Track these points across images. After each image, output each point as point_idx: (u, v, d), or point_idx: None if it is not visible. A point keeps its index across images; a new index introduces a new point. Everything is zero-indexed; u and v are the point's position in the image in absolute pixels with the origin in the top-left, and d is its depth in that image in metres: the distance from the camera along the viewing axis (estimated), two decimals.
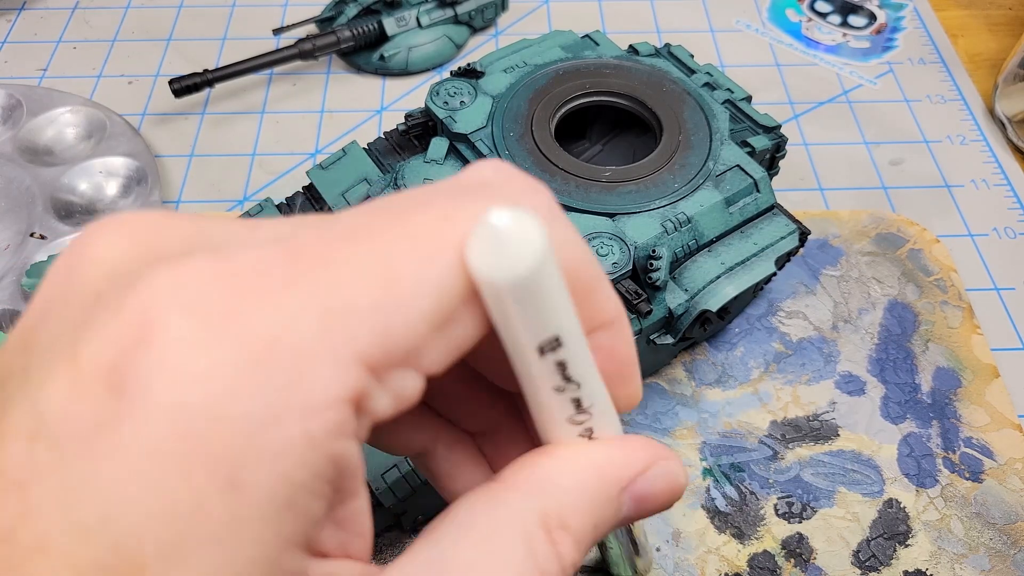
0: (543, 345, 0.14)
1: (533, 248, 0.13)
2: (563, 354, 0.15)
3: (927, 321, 0.40)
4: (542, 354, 0.14)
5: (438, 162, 0.34)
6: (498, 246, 0.13)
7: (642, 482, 0.17)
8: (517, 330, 0.14)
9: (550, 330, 0.14)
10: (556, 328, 0.14)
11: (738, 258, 0.33)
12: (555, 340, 0.14)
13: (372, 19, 0.51)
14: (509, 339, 0.15)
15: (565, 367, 0.15)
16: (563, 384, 0.15)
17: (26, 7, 0.57)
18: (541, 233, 0.13)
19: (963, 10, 0.58)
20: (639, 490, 0.17)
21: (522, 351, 0.14)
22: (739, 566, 0.33)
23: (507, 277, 0.13)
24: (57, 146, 0.47)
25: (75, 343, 0.12)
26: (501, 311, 0.14)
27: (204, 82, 0.47)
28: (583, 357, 0.15)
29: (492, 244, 0.13)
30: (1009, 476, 0.35)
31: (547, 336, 0.14)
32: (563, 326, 0.14)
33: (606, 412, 0.17)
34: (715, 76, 0.38)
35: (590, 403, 0.16)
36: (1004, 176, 0.47)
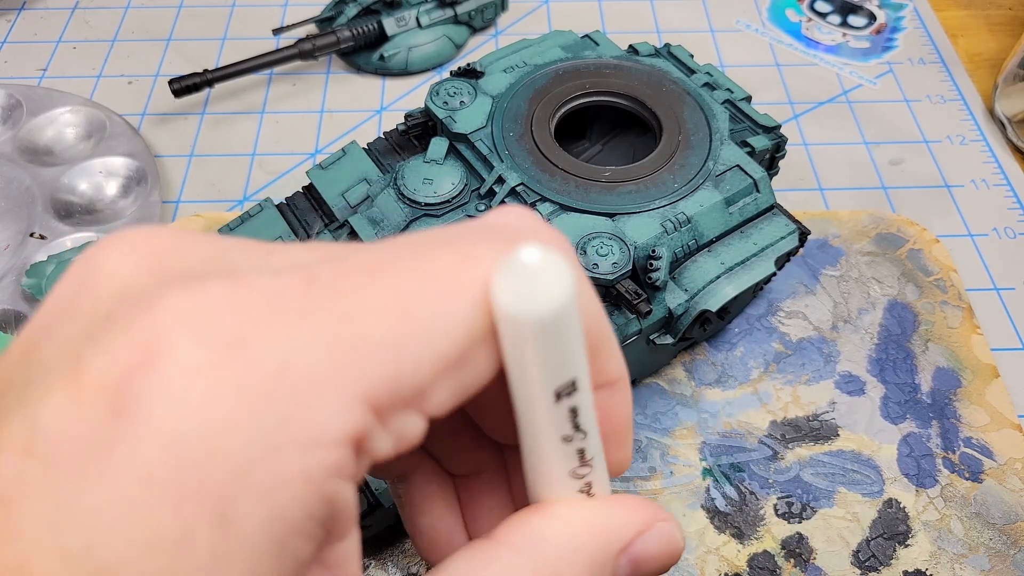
0: (560, 389, 0.14)
1: (563, 286, 0.13)
2: (577, 400, 0.14)
3: (927, 321, 0.40)
4: (558, 399, 0.14)
5: (438, 162, 0.34)
6: (527, 282, 0.13)
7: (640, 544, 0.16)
8: (534, 372, 0.14)
9: (569, 373, 0.14)
10: (575, 371, 0.14)
11: (738, 258, 0.33)
12: (572, 384, 0.14)
13: (372, 19, 0.51)
14: (523, 382, 0.14)
15: (577, 415, 0.15)
16: (572, 433, 0.15)
17: (26, 7, 0.57)
18: (570, 273, 0.13)
19: (963, 10, 0.58)
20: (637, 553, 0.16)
21: (536, 395, 0.14)
22: (739, 566, 0.33)
23: (534, 314, 0.13)
24: (57, 146, 0.47)
25: (79, 359, 0.12)
26: (520, 352, 0.13)
27: (204, 82, 0.47)
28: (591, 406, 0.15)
29: (521, 280, 0.13)
30: (1009, 476, 0.35)
31: (566, 380, 0.14)
32: (580, 370, 0.14)
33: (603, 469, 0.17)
34: (715, 76, 0.38)
35: (592, 456, 0.16)
36: (1004, 176, 0.47)
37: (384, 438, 0.13)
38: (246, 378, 0.12)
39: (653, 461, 0.35)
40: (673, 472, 0.35)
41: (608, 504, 0.16)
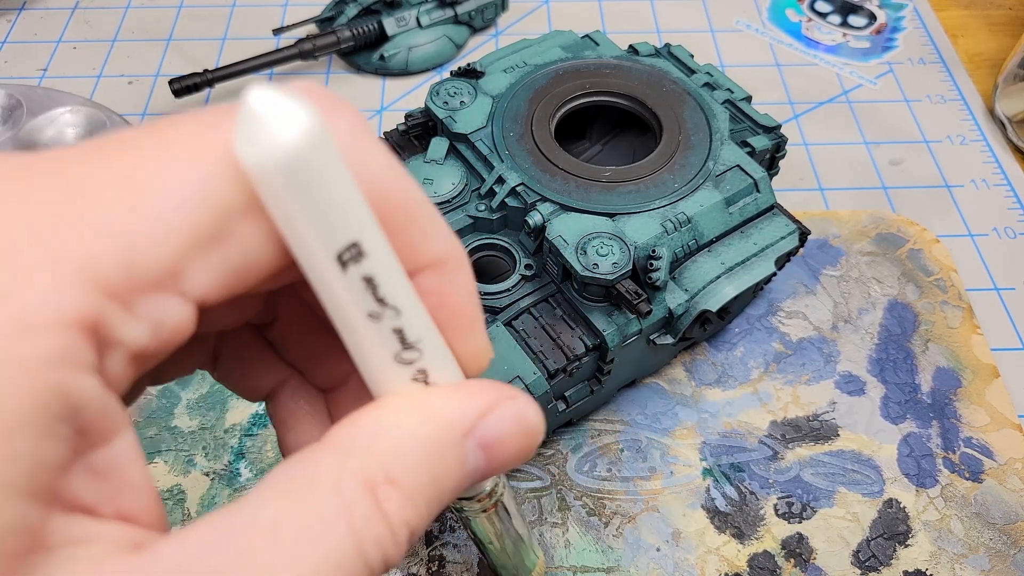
0: (341, 253, 0.12)
1: (299, 123, 0.11)
2: (369, 267, 0.13)
3: (927, 321, 0.40)
4: (343, 266, 0.13)
5: (438, 162, 0.34)
6: (259, 125, 0.11)
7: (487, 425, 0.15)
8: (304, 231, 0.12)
9: (346, 232, 0.12)
10: (352, 231, 0.12)
11: (738, 258, 0.33)
12: (354, 246, 0.13)
13: (372, 19, 0.51)
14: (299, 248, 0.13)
15: (375, 285, 0.13)
16: (378, 309, 0.13)
17: (26, 7, 0.57)
18: (308, 110, 0.12)
19: (963, 10, 0.58)
20: (485, 434, 0.15)
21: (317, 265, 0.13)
22: (739, 566, 0.33)
23: (271, 158, 0.11)
24: (57, 146, 0.47)
25: None
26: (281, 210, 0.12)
27: (204, 82, 0.47)
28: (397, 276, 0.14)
29: (253, 126, 0.11)
30: (1009, 476, 0.35)
31: (343, 241, 0.12)
32: (362, 231, 0.13)
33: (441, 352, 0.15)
34: (715, 76, 0.38)
35: (417, 337, 0.14)
36: (1004, 176, 0.47)
37: (134, 324, 0.12)
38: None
39: (653, 461, 0.35)
40: (673, 472, 0.35)
41: (446, 390, 0.15)
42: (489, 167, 0.34)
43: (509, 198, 0.33)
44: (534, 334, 0.31)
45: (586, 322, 0.31)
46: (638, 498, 0.34)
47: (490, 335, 0.30)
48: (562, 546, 0.33)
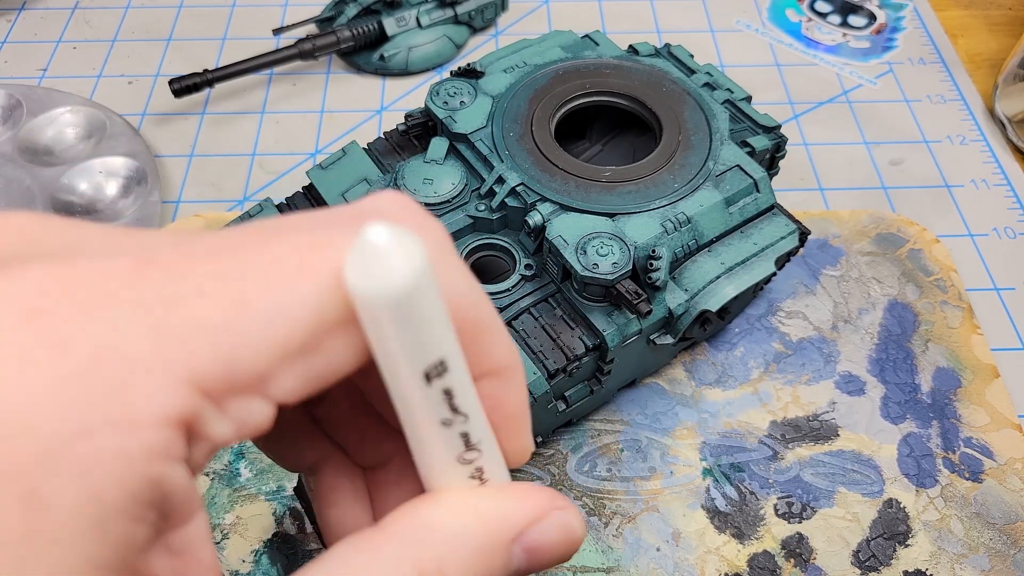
0: (429, 371, 0.14)
1: (411, 263, 0.12)
2: (450, 381, 0.14)
3: (927, 321, 0.40)
4: (428, 381, 0.14)
5: (438, 162, 0.34)
6: (374, 261, 0.12)
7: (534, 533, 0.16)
8: (397, 354, 0.13)
9: (435, 353, 0.14)
10: (441, 351, 0.14)
11: (738, 258, 0.33)
12: (441, 364, 0.14)
13: (372, 19, 0.51)
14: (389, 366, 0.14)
15: (452, 396, 0.14)
16: (451, 416, 0.14)
17: (26, 7, 0.57)
18: (419, 249, 0.13)
19: (963, 10, 0.58)
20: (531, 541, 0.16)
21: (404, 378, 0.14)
22: (739, 566, 0.33)
23: (384, 293, 0.12)
24: (57, 146, 0.47)
25: None
26: (379, 334, 0.13)
27: (204, 82, 0.47)
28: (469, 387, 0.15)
29: (368, 259, 0.12)
30: (1009, 476, 0.35)
31: (432, 360, 0.14)
32: (448, 350, 0.14)
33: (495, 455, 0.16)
34: (715, 76, 0.38)
35: (479, 439, 0.15)
36: (1004, 176, 0.47)
37: (221, 422, 0.13)
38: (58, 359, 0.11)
39: (653, 461, 0.35)
40: (673, 472, 0.35)
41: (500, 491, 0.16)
42: (489, 167, 0.34)
43: (509, 198, 0.33)
44: (534, 334, 0.31)
45: (586, 322, 0.31)
46: (638, 498, 0.34)
47: None
48: None
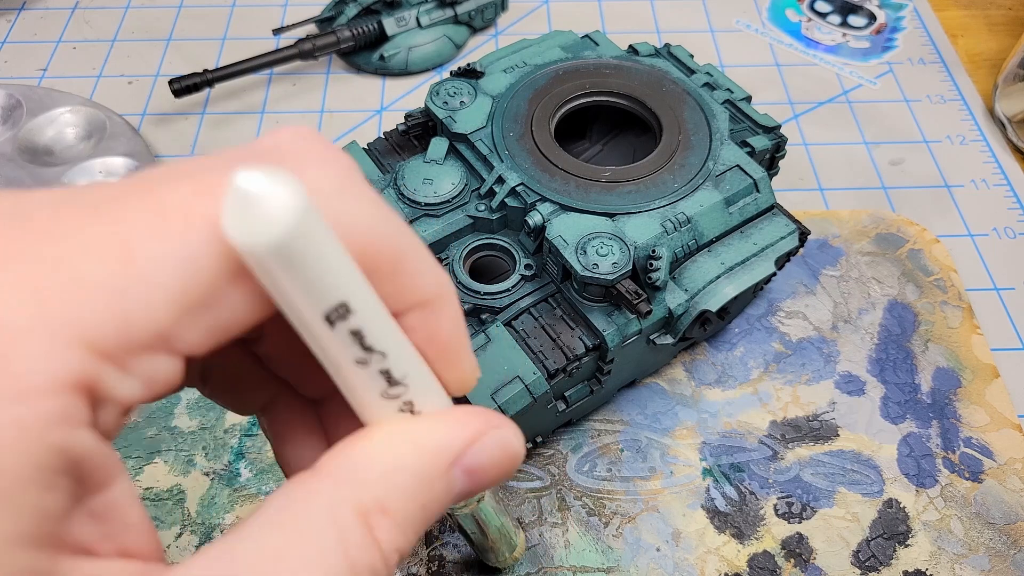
0: (329, 314, 0.13)
1: (286, 208, 0.12)
2: (356, 322, 0.13)
3: (927, 321, 0.40)
4: (331, 324, 0.13)
5: (438, 162, 0.34)
6: (249, 210, 0.12)
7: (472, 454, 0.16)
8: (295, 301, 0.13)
9: (333, 296, 0.13)
10: (340, 294, 0.13)
11: (738, 258, 0.33)
12: (342, 307, 0.13)
13: (372, 19, 0.51)
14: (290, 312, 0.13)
15: (362, 336, 0.14)
16: (364, 356, 0.14)
17: (26, 7, 0.57)
18: (295, 191, 0.12)
19: (963, 10, 0.58)
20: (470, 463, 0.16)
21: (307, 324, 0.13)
22: (739, 566, 0.33)
23: (263, 242, 0.12)
24: (57, 146, 0.47)
25: None
26: (272, 282, 0.13)
27: (204, 82, 0.47)
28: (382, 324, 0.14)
29: (243, 209, 0.12)
30: (1009, 476, 0.35)
31: (330, 303, 0.13)
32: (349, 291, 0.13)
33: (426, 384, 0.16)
34: (715, 76, 0.38)
35: (403, 373, 0.15)
36: (1004, 176, 0.47)
37: (126, 382, 0.12)
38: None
39: (653, 461, 0.35)
40: (673, 472, 0.35)
41: (432, 419, 0.16)
42: (489, 167, 0.34)
43: (509, 198, 0.33)
44: (534, 334, 0.31)
45: (586, 322, 0.31)
46: (638, 498, 0.34)
47: (490, 335, 0.30)
48: (562, 546, 0.33)
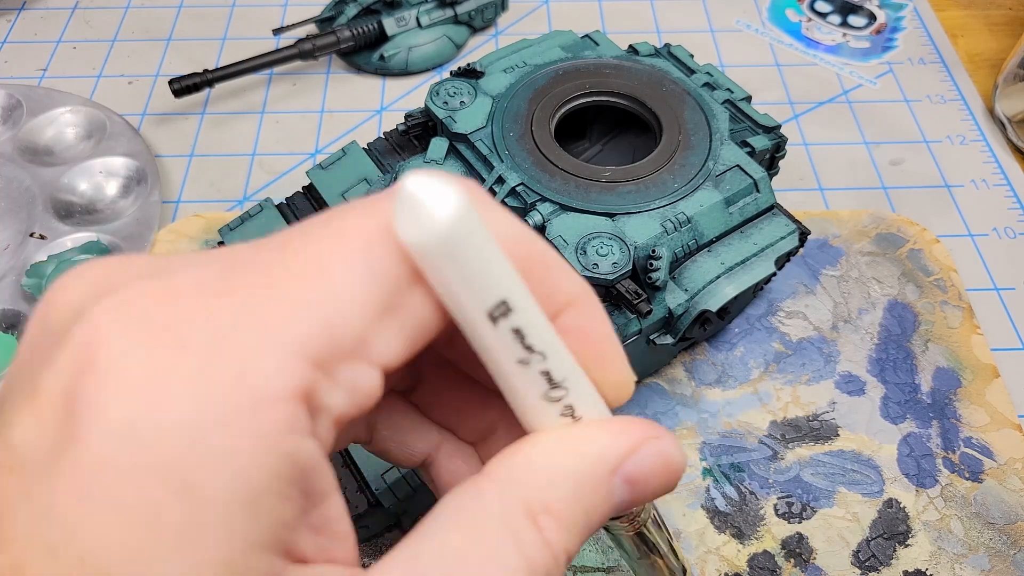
0: (492, 311, 0.14)
1: (450, 203, 0.13)
2: (516, 320, 0.14)
3: (927, 321, 0.40)
4: (494, 322, 0.14)
5: (438, 162, 0.34)
6: (417, 210, 0.13)
7: (633, 463, 0.16)
8: (460, 296, 0.14)
9: (495, 293, 0.14)
10: (501, 291, 0.14)
11: (738, 258, 0.33)
12: (503, 304, 0.14)
13: (372, 19, 0.51)
14: (457, 313, 0.14)
15: (523, 335, 0.14)
16: (526, 355, 0.15)
17: (26, 7, 0.57)
18: (457, 190, 0.13)
19: (963, 10, 0.58)
20: (631, 472, 0.16)
21: (472, 322, 0.14)
22: (739, 566, 0.33)
23: (430, 236, 0.13)
24: (57, 146, 0.47)
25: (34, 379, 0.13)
26: (440, 280, 0.14)
27: (204, 82, 0.47)
28: (541, 324, 0.15)
29: (412, 210, 0.13)
30: (1009, 476, 0.35)
31: (493, 300, 0.14)
32: (509, 289, 0.14)
33: (585, 390, 0.16)
34: (715, 76, 0.38)
35: (562, 376, 0.15)
36: (1004, 176, 0.47)
37: (336, 391, 0.13)
38: (181, 356, 0.12)
39: None
40: None
41: (592, 426, 0.16)
42: (489, 167, 0.34)
43: (509, 198, 0.33)
44: None
45: None
46: None
47: None
48: None
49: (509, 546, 0.14)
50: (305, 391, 0.13)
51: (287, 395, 0.12)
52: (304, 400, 0.13)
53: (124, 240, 0.42)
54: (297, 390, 0.13)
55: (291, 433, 0.13)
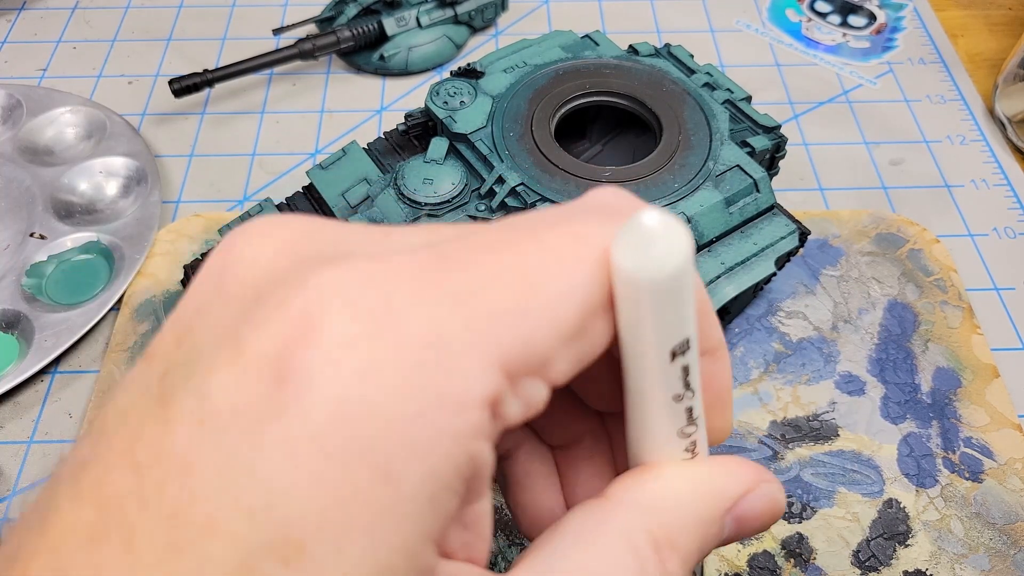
0: (676, 348, 0.15)
1: (681, 247, 0.13)
2: (689, 358, 0.15)
3: (927, 321, 0.40)
4: (673, 358, 0.15)
5: (438, 162, 0.34)
6: (647, 245, 0.13)
7: (745, 504, 0.17)
8: (652, 333, 0.14)
9: (685, 332, 0.14)
10: (689, 330, 0.15)
11: (738, 258, 0.33)
12: (687, 342, 0.15)
13: (372, 19, 0.51)
14: (638, 343, 0.15)
15: (688, 373, 0.15)
16: (683, 392, 0.15)
17: (26, 7, 0.57)
18: (687, 235, 0.14)
19: (963, 10, 0.58)
20: (741, 512, 0.17)
21: (652, 356, 0.15)
22: (739, 566, 0.33)
23: (656, 275, 0.13)
24: (57, 146, 0.47)
25: (238, 336, 0.13)
26: (638, 313, 0.14)
27: (204, 82, 0.47)
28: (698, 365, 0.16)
29: (641, 243, 0.13)
30: (1009, 476, 0.35)
31: (681, 338, 0.14)
32: (693, 329, 0.15)
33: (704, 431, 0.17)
34: (715, 76, 0.38)
35: (698, 414, 0.16)
36: (1004, 176, 0.47)
37: (515, 403, 0.14)
38: (398, 346, 0.13)
39: None
40: None
41: (715, 464, 0.17)
42: (489, 167, 0.34)
43: (509, 198, 0.33)
44: None
45: None
46: None
47: None
48: None
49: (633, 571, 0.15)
50: (495, 399, 0.13)
51: (483, 401, 0.13)
52: (492, 407, 0.13)
53: (124, 240, 0.42)
54: (490, 397, 0.13)
55: (478, 437, 0.13)
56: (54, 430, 0.36)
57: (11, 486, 0.35)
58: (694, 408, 0.16)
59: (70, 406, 0.37)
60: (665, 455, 0.17)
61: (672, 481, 0.17)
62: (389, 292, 0.13)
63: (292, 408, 0.12)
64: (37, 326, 0.38)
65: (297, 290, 0.13)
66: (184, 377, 0.13)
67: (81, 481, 0.13)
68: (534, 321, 0.13)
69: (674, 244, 0.13)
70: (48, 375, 0.38)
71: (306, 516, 0.12)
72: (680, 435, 0.16)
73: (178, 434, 0.12)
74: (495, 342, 0.13)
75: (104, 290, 0.40)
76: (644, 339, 0.14)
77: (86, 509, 0.12)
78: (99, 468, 0.13)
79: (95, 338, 0.39)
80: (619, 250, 0.14)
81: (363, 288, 0.13)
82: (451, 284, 0.13)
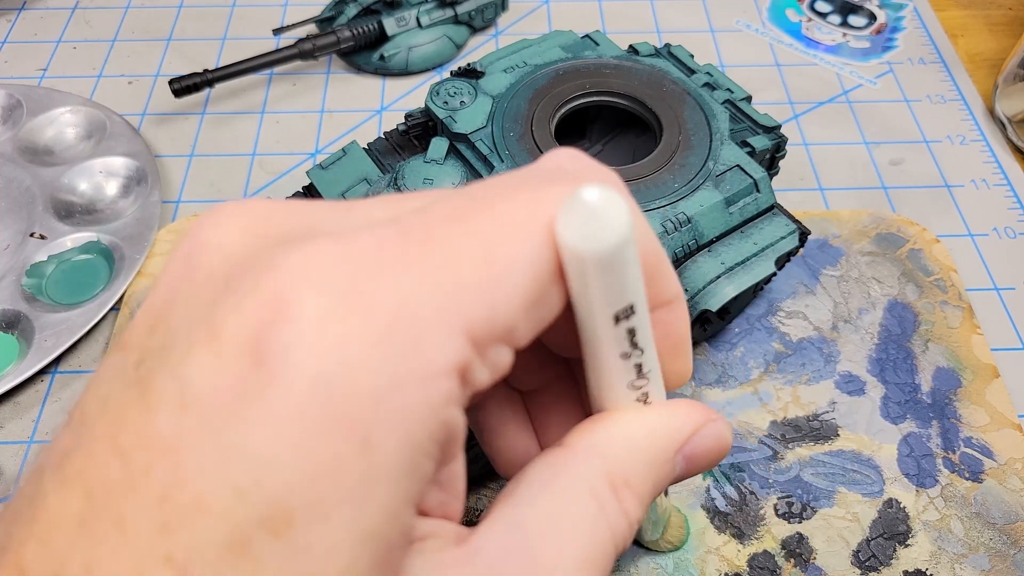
0: (619, 313, 0.15)
1: (621, 223, 0.14)
2: (634, 322, 0.16)
3: (927, 321, 0.40)
4: (617, 322, 0.15)
5: (438, 162, 0.34)
6: (588, 220, 0.14)
7: (694, 443, 0.18)
8: (597, 300, 0.15)
9: (627, 299, 0.15)
10: (631, 297, 0.15)
11: (738, 258, 0.33)
12: (630, 308, 0.15)
13: (372, 19, 0.51)
14: (586, 309, 0.15)
15: (634, 334, 0.16)
16: (630, 351, 0.16)
17: (26, 7, 0.57)
18: (627, 209, 0.14)
19: (963, 10, 0.58)
20: (691, 450, 0.18)
21: (598, 320, 0.15)
22: (739, 566, 0.33)
23: (597, 249, 0.14)
24: (57, 146, 0.47)
25: (212, 321, 0.13)
26: (584, 282, 0.15)
27: (204, 82, 0.47)
28: (647, 325, 0.16)
29: (583, 218, 0.14)
30: (1009, 476, 0.35)
31: (624, 305, 0.15)
32: (635, 295, 0.15)
33: (659, 379, 0.18)
34: (715, 76, 0.38)
35: (649, 368, 0.17)
36: (1004, 176, 0.47)
37: (482, 369, 0.14)
38: (369, 321, 0.13)
39: None
40: None
41: (665, 408, 0.18)
42: (489, 167, 0.34)
43: None
44: None
45: None
46: None
47: None
48: None
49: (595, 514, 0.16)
50: (464, 367, 0.14)
51: (452, 369, 0.14)
52: (461, 375, 0.14)
53: (124, 240, 0.42)
54: (459, 365, 0.14)
55: (449, 404, 0.14)
56: (54, 430, 0.36)
57: (11, 486, 0.35)
58: (643, 364, 0.17)
59: (70, 406, 0.37)
60: (620, 404, 0.18)
61: (625, 426, 0.18)
62: (356, 269, 0.13)
63: (272, 387, 0.12)
64: (37, 326, 0.38)
65: (268, 273, 0.13)
66: (160, 364, 0.13)
67: (66, 469, 0.13)
68: (496, 291, 0.14)
69: (614, 219, 0.14)
70: (48, 375, 0.38)
71: (293, 488, 0.12)
72: (630, 387, 0.17)
73: (161, 419, 0.13)
74: (460, 314, 0.14)
75: (104, 290, 0.40)
76: (590, 305, 0.15)
77: (74, 496, 0.12)
78: (83, 456, 0.13)
79: (95, 338, 0.39)
80: (562, 224, 0.14)
81: (331, 268, 0.13)
82: (414, 259, 0.14)
